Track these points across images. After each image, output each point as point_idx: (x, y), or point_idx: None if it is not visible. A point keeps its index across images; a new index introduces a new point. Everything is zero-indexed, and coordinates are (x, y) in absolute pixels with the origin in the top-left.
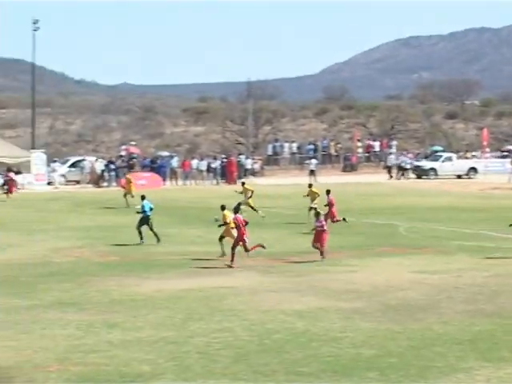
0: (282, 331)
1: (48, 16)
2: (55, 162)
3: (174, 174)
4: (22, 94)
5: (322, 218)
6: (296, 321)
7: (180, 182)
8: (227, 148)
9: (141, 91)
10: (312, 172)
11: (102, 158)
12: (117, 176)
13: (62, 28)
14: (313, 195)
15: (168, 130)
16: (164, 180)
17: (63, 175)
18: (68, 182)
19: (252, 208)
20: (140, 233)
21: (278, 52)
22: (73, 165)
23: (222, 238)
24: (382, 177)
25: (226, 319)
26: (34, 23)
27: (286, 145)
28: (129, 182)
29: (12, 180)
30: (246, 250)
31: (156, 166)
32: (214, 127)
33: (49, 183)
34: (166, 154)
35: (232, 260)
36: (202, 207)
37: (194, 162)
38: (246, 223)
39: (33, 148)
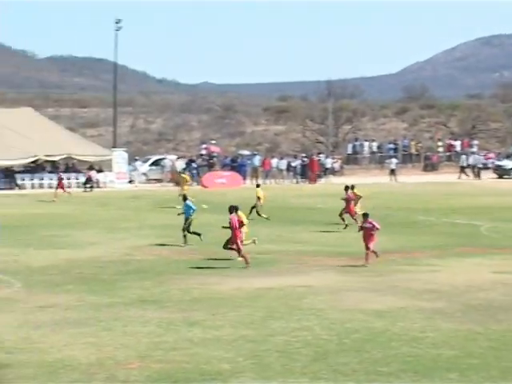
0: (361, 330)
1: (130, 16)
2: (136, 160)
3: (255, 173)
4: (103, 93)
5: (370, 218)
6: (375, 320)
7: (260, 181)
8: (307, 147)
9: (221, 90)
10: (392, 171)
11: (183, 157)
12: (198, 175)
13: (144, 27)
14: (356, 197)
15: (248, 128)
16: (244, 179)
17: (144, 174)
18: (149, 180)
19: (251, 211)
20: (190, 234)
21: (358, 51)
22: (154, 163)
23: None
24: (462, 176)
25: (306, 318)
26: (117, 23)
27: (366, 144)
28: (185, 181)
29: (62, 180)
30: (239, 253)
31: (236, 165)
32: (294, 126)
33: (130, 181)
34: (247, 152)
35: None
36: (281, 206)
37: (274, 161)
38: (241, 224)
39: (114, 146)
